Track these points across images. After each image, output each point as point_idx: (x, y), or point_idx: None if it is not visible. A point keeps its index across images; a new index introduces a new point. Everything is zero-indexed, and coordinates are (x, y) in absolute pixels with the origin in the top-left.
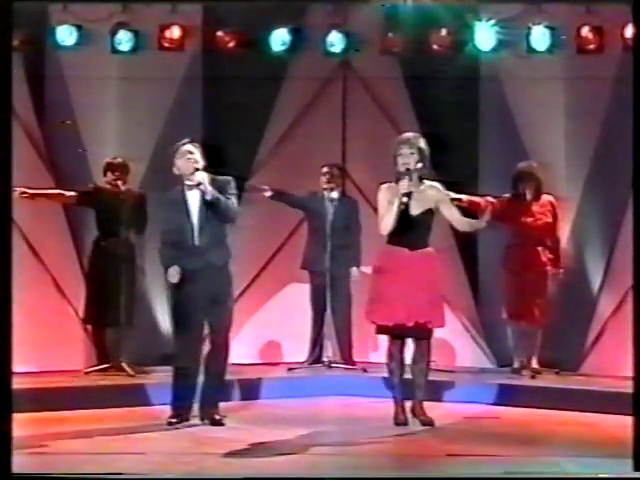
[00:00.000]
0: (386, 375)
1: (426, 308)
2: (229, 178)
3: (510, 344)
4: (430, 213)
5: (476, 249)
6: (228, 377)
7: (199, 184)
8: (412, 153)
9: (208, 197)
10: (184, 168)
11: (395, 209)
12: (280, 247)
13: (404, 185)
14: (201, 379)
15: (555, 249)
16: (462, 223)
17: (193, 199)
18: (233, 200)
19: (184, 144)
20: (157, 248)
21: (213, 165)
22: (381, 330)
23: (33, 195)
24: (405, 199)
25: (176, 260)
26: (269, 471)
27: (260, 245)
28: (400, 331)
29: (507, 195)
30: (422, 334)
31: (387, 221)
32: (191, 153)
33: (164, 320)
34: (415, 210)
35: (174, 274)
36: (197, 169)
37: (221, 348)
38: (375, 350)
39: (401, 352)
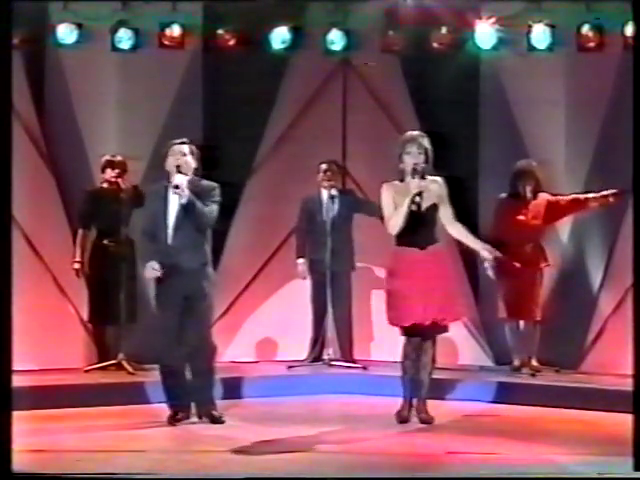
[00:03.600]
0: (386, 373)
1: (442, 305)
2: (214, 185)
3: (508, 343)
4: (435, 208)
5: None
6: (228, 375)
7: (176, 187)
8: (420, 153)
9: (183, 201)
10: (171, 166)
11: (405, 209)
12: (281, 245)
13: (415, 184)
14: (190, 378)
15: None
16: (455, 228)
17: (173, 199)
18: (212, 207)
19: (180, 143)
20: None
21: (212, 163)
22: (405, 332)
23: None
24: (418, 199)
25: (152, 256)
26: (269, 469)
27: (261, 243)
28: (419, 330)
29: (504, 195)
30: (439, 331)
31: (396, 221)
32: (183, 154)
33: None
34: (423, 206)
35: (150, 269)
36: (179, 171)
37: (202, 347)
38: (376, 348)
39: (416, 351)
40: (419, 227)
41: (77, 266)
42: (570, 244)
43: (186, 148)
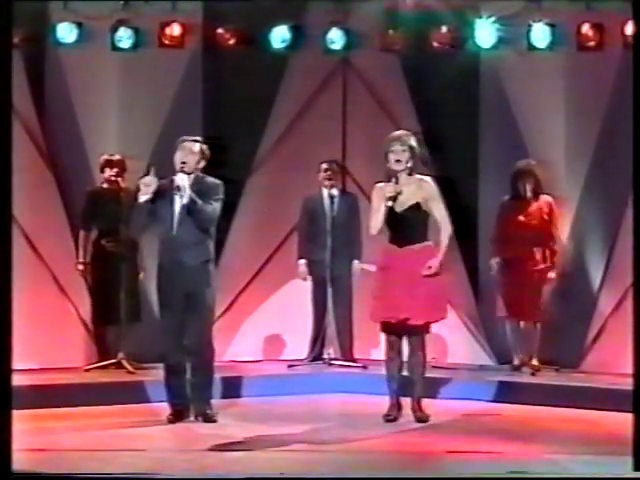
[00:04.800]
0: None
1: (428, 305)
2: (218, 182)
3: (509, 342)
4: (417, 208)
5: (476, 246)
6: (229, 374)
7: (178, 188)
8: (404, 150)
9: (184, 201)
10: (177, 162)
11: (381, 212)
12: (281, 243)
13: (390, 189)
14: (189, 377)
15: (550, 249)
16: (443, 227)
17: (176, 198)
18: (215, 206)
19: (190, 141)
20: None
21: (213, 162)
22: (384, 328)
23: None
24: (390, 203)
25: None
26: (269, 468)
27: (261, 241)
28: (399, 328)
29: (506, 197)
30: (420, 329)
31: (373, 223)
32: (191, 152)
33: None
34: (400, 207)
35: (143, 186)
36: (182, 170)
37: (201, 347)
38: (376, 347)
39: (399, 349)
40: (399, 226)
41: (81, 267)
42: (570, 244)
43: (196, 147)
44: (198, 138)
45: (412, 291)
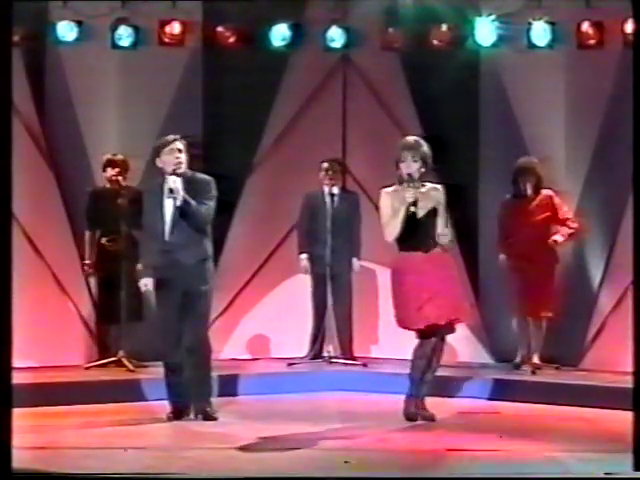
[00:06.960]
0: (386, 371)
1: (455, 305)
2: (209, 179)
3: (515, 339)
4: (433, 212)
5: (477, 245)
6: (228, 372)
7: (170, 191)
8: (415, 160)
9: (178, 203)
10: (168, 164)
11: (402, 217)
12: (280, 242)
13: (410, 194)
14: (188, 375)
15: (570, 227)
16: (443, 235)
17: (169, 200)
18: (208, 204)
19: (174, 140)
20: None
21: (213, 160)
22: (421, 334)
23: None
24: (413, 208)
25: (151, 255)
26: (269, 467)
27: (261, 240)
28: (432, 331)
29: (508, 195)
30: (449, 330)
31: (393, 229)
32: (180, 151)
33: None
34: (420, 213)
35: (142, 285)
36: (174, 172)
37: (199, 344)
38: (376, 344)
39: (431, 351)
40: (419, 232)
41: (87, 268)
42: (570, 242)
43: (182, 145)
44: (177, 136)
45: (448, 292)
